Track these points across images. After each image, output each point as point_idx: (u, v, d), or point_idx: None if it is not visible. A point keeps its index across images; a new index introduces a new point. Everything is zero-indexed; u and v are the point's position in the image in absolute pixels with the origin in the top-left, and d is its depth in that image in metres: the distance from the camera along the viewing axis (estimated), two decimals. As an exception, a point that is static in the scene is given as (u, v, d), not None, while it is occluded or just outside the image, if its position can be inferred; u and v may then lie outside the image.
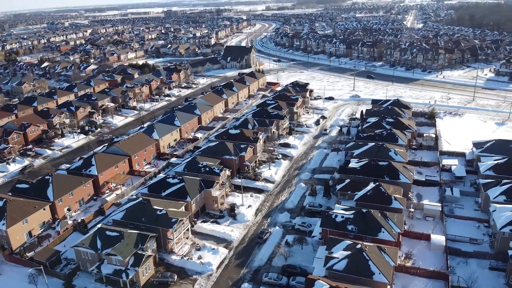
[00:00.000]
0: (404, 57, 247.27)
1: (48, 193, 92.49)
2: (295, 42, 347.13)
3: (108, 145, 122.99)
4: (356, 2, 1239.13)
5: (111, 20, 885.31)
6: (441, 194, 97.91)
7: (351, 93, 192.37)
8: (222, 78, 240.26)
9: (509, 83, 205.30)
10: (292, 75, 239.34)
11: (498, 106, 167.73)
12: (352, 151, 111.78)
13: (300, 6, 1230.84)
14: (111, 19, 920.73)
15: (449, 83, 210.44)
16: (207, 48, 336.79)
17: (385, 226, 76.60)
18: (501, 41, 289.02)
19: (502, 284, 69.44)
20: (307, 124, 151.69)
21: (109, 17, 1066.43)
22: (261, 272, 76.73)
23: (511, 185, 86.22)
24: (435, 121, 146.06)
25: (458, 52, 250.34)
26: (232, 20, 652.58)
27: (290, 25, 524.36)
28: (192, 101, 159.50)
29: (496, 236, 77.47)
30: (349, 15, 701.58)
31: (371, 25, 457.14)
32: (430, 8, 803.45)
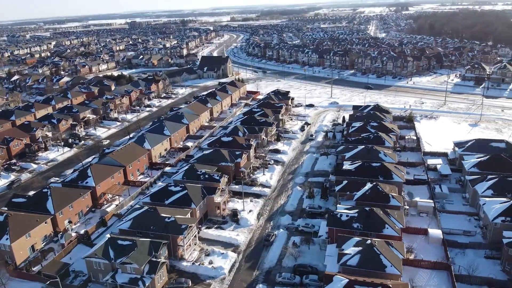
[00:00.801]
0: (375, 65, 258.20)
1: (48, 206, 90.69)
2: (267, 52, 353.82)
3: (100, 156, 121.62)
4: (318, 13, 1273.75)
5: (74, 32, 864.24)
6: (431, 191, 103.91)
7: (329, 100, 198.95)
8: (201, 88, 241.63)
9: (475, 88, 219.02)
10: (270, 84, 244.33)
11: (468, 109, 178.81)
12: (343, 154, 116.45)
13: (264, 17, 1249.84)
14: (74, 31, 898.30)
15: (420, 89, 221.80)
16: (181, 59, 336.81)
17: (388, 223, 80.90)
18: (463, 48, 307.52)
19: (499, 270, 74.88)
20: (293, 130, 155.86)
21: (70, 29, 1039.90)
22: (273, 273, 78.81)
23: (496, 180, 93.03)
24: (414, 124, 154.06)
25: (424, 59, 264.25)
26: (200, 31, 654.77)
27: (259, 35, 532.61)
28: (178, 110, 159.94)
29: (488, 227, 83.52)
30: (314, 26, 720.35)
31: (338, 35, 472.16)
32: (390, 18, 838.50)
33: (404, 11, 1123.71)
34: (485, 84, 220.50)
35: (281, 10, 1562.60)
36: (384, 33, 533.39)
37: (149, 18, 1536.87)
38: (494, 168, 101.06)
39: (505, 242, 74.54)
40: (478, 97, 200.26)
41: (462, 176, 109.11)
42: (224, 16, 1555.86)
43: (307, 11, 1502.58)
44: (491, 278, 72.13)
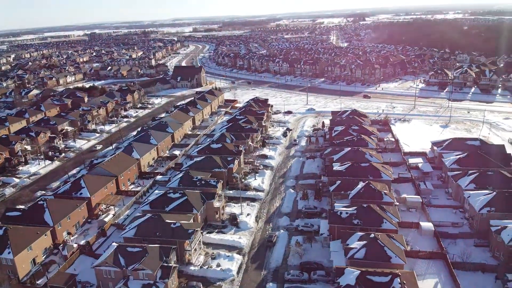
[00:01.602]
0: (344, 73, 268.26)
1: (46, 218, 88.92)
2: (237, 62, 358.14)
3: (90, 167, 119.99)
4: (280, 24, 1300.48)
5: (32, 44, 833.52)
6: (416, 188, 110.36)
7: (306, 106, 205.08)
8: (177, 97, 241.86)
9: (439, 92, 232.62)
10: (245, 92, 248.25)
11: (437, 112, 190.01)
12: (331, 156, 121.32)
13: (226, 28, 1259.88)
14: (32, 43, 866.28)
15: (389, 94, 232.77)
16: (151, 69, 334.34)
17: (385, 217, 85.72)
18: (423, 55, 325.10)
19: (489, 257, 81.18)
20: (276, 136, 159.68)
21: (27, 42, 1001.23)
22: (281, 272, 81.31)
23: (477, 174, 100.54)
24: (390, 127, 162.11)
25: (390, 67, 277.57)
26: (165, 42, 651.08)
27: (225, 46, 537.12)
28: (161, 119, 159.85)
29: (474, 218, 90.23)
30: (278, 36, 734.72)
31: (303, 45, 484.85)
32: (350, 28, 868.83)
33: (362, 21, 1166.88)
34: (448, 88, 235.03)
35: (242, 21, 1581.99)
36: (346, 43, 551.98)
37: (108, 30, 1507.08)
38: (472, 163, 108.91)
39: (493, 230, 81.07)
40: (444, 100, 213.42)
41: (443, 173, 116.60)
42: (185, 27, 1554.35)
43: (268, 22, 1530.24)
44: (484, 263, 78.25)
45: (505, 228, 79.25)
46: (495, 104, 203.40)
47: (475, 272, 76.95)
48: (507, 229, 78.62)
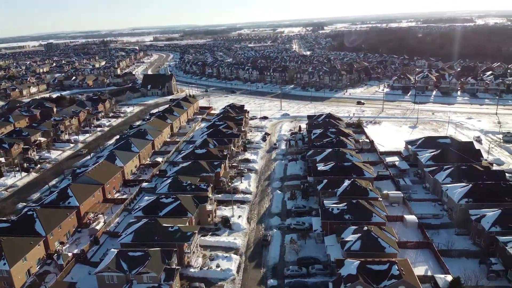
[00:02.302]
0: (312, 79, 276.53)
1: (37, 228, 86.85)
2: (206, 69, 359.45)
3: (73, 177, 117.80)
4: (242, 33, 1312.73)
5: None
6: (395, 184, 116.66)
7: (280, 112, 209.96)
8: (150, 105, 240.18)
9: (403, 95, 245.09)
10: (219, 99, 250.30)
11: (404, 114, 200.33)
12: (314, 157, 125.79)
13: (188, 37, 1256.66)
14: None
15: (356, 99, 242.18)
16: (118, 78, 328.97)
17: (374, 212, 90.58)
18: (385, 61, 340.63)
19: (470, 244, 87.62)
20: (256, 141, 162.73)
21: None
22: (279, 269, 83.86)
23: (452, 169, 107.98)
24: (363, 129, 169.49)
25: (355, 73, 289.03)
26: (127, 51, 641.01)
27: (191, 54, 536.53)
28: (140, 127, 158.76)
29: (454, 209, 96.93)
30: (242, 45, 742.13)
31: (268, 54, 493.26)
32: (310, 37, 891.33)
33: (321, 30, 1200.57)
34: (412, 92, 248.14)
35: (203, 31, 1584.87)
36: (309, 51, 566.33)
37: (64, 40, 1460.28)
38: (446, 160, 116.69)
39: (474, 218, 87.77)
40: (408, 103, 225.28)
41: (419, 170, 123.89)
42: (145, 36, 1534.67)
43: (229, 31, 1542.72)
44: (467, 249, 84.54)
45: (484, 216, 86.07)
46: (456, 105, 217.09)
47: (460, 258, 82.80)
48: (486, 217, 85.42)
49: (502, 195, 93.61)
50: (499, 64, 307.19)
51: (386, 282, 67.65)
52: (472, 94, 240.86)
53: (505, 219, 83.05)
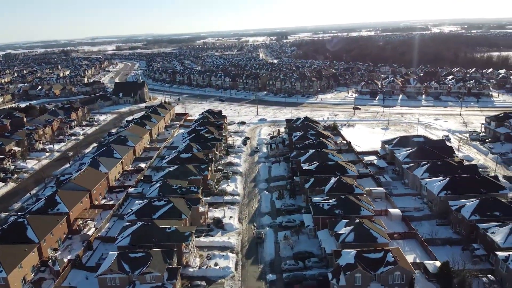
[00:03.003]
0: (285, 86, 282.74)
1: (29, 235, 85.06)
2: (177, 77, 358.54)
3: (58, 184, 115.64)
4: (207, 42, 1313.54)
5: None
6: (376, 181, 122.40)
7: (257, 117, 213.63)
8: (124, 113, 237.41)
9: (372, 100, 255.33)
10: (194, 106, 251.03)
11: (375, 117, 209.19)
12: (298, 158, 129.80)
13: (152, 46, 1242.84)
14: None
15: (328, 104, 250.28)
16: (86, 87, 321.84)
17: (362, 206, 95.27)
18: (351, 68, 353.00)
19: (451, 233, 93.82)
20: (237, 145, 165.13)
21: None
22: (276, 264, 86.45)
23: (429, 165, 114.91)
24: (339, 131, 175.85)
25: (325, 79, 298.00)
26: (91, 60, 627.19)
27: (158, 63, 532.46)
28: (120, 133, 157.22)
29: (434, 202, 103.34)
30: (209, 53, 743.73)
31: (237, 62, 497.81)
32: (275, 46, 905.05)
33: (285, 39, 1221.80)
34: (379, 97, 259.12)
35: (167, 39, 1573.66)
36: (276, 59, 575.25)
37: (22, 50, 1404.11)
38: (422, 156, 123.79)
39: (454, 208, 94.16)
40: (378, 107, 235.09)
41: (396, 167, 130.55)
42: (106, 45, 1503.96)
43: (193, 40, 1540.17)
44: (450, 238, 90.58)
45: (464, 206, 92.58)
46: (422, 108, 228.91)
47: (444, 246, 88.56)
48: (466, 207, 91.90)
49: (477, 187, 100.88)
50: (458, 69, 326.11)
51: (383, 268, 71.91)
52: (436, 97, 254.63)
53: (483, 208, 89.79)
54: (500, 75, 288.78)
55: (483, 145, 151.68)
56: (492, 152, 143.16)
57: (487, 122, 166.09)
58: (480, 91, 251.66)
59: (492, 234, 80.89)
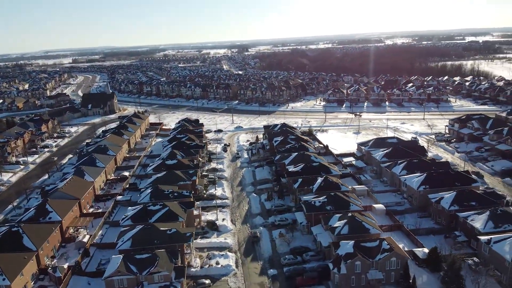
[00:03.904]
0: (256, 95, 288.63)
1: (26, 244, 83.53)
2: (145, 88, 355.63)
3: (43, 194, 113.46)
4: (168, 54, 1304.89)
5: None
6: (357, 180, 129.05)
7: (233, 125, 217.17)
8: (97, 124, 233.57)
9: (339, 107, 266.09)
10: (167, 116, 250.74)
11: (345, 122, 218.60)
12: (282, 161, 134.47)
13: (111, 59, 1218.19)
14: None
15: (299, 111, 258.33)
16: (50, 100, 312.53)
17: (351, 201, 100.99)
18: (316, 78, 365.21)
19: (433, 223, 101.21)
20: (217, 152, 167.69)
21: None
22: (275, 260, 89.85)
23: (405, 163, 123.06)
24: (315, 136, 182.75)
25: (294, 89, 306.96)
26: (50, 73, 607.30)
27: (121, 74, 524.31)
28: (99, 143, 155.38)
29: (413, 196, 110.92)
30: (171, 65, 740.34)
31: (203, 73, 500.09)
32: (238, 58, 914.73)
33: (246, 52, 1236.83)
34: (346, 104, 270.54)
35: (125, 52, 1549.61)
36: (241, 71, 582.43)
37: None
38: (397, 156, 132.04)
39: (434, 201, 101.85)
40: (345, 113, 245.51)
41: (374, 167, 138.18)
42: (62, 58, 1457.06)
43: (152, 52, 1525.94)
44: (432, 227, 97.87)
45: (443, 198, 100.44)
46: (387, 114, 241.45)
47: (428, 235, 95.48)
48: (445, 198, 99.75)
49: (452, 181, 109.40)
50: (416, 77, 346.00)
51: (380, 255, 77.32)
52: (398, 103, 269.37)
53: (460, 199, 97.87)
54: (456, 82, 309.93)
55: (449, 145, 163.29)
56: (458, 151, 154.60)
57: (450, 124, 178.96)
58: (439, 97, 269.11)
59: (472, 221, 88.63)
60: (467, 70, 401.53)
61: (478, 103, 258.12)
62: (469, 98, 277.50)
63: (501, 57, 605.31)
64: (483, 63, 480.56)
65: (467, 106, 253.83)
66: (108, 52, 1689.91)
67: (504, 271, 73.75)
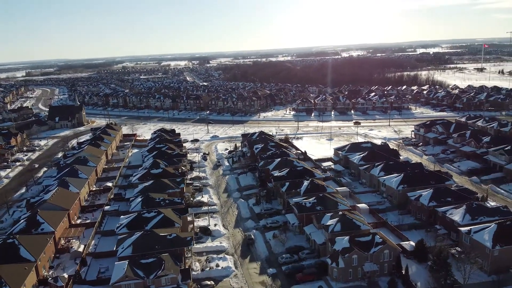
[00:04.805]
0: (227, 105, 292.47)
1: (24, 255, 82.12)
2: (111, 100, 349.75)
3: (28, 206, 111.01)
4: (126, 66, 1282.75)
5: None
6: (337, 182, 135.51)
7: (208, 135, 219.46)
8: (67, 136, 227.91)
9: (308, 116, 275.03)
10: (139, 127, 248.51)
11: (316, 130, 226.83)
12: (266, 167, 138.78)
13: (67, 71, 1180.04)
14: None
15: (271, 120, 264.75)
16: (13, 113, 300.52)
17: (339, 201, 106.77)
18: (283, 89, 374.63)
19: (413, 219, 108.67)
20: (198, 160, 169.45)
21: None
22: (272, 260, 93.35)
23: (382, 165, 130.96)
24: (292, 143, 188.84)
25: (263, 99, 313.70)
26: (6, 87, 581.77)
27: (83, 87, 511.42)
28: (78, 155, 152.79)
29: (393, 195, 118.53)
30: (133, 77, 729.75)
31: (168, 84, 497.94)
32: (201, 69, 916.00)
33: (207, 64, 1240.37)
34: (314, 113, 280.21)
35: (81, 64, 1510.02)
36: (205, 82, 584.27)
37: None
38: (373, 159, 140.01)
39: (413, 198, 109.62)
40: (315, 122, 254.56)
41: (352, 170, 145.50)
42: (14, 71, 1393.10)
43: (109, 64, 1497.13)
44: (414, 223, 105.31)
45: (421, 195, 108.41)
46: (354, 121, 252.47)
47: (410, 230, 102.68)
48: (423, 196, 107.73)
49: (428, 179, 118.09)
50: (376, 87, 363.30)
51: (374, 248, 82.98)
52: (363, 111, 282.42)
53: (437, 195, 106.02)
54: (414, 91, 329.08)
55: (416, 149, 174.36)
56: (426, 154, 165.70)
57: (416, 129, 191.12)
58: (400, 105, 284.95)
59: (451, 215, 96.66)
60: (423, 80, 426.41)
61: (437, 110, 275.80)
62: (428, 106, 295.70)
63: (452, 67, 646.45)
64: (436, 73, 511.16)
65: (426, 113, 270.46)
66: (63, 65, 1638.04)
67: (485, 257, 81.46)
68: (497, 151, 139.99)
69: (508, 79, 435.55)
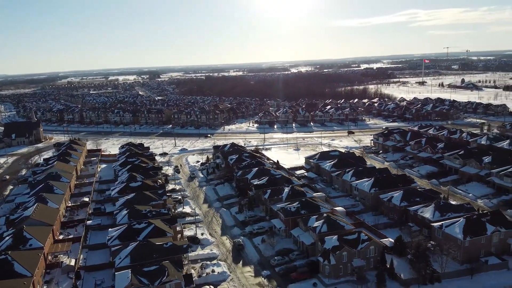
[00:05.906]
0: (190, 118, 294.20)
1: (19, 270, 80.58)
2: (66, 115, 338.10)
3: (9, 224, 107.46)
4: (72, 81, 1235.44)
5: None
6: (312, 189, 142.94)
7: (176, 148, 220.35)
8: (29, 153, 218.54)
9: (271, 128, 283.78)
10: (102, 142, 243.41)
11: (282, 141, 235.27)
12: (245, 176, 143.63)
13: (8, 87, 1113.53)
14: None
15: (237, 133, 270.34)
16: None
17: (321, 205, 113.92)
18: (243, 103, 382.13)
19: (386, 219, 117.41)
20: (171, 173, 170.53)
21: None
22: (264, 262, 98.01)
23: (353, 171, 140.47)
24: (263, 153, 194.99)
25: (226, 112, 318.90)
26: None
27: (31, 103, 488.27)
28: (49, 170, 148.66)
29: (366, 198, 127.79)
30: (82, 92, 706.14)
31: (123, 98, 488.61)
32: (153, 84, 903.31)
33: (158, 78, 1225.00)
34: (276, 125, 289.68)
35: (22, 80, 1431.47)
36: (160, 97, 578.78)
37: None
38: (343, 165, 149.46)
39: (385, 200, 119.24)
40: (279, 133, 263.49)
41: (324, 176, 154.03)
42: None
43: (52, 79, 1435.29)
44: (388, 222, 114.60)
45: (393, 197, 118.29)
46: (314, 133, 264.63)
47: (386, 229, 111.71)
48: (394, 197, 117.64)
49: (396, 182, 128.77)
50: (331, 101, 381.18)
51: (361, 245, 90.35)
52: (321, 123, 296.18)
53: (407, 196, 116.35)
54: (366, 104, 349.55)
55: (378, 156, 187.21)
56: (387, 160, 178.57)
57: (375, 138, 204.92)
58: (355, 117, 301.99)
59: (422, 213, 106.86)
60: (372, 93, 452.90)
61: (389, 121, 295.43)
62: (380, 117, 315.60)
63: (396, 81, 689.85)
64: (382, 87, 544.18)
65: (380, 124, 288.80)
66: (3, 80, 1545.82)
67: (457, 248, 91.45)
68: (452, 156, 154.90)
69: (448, 91, 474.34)
